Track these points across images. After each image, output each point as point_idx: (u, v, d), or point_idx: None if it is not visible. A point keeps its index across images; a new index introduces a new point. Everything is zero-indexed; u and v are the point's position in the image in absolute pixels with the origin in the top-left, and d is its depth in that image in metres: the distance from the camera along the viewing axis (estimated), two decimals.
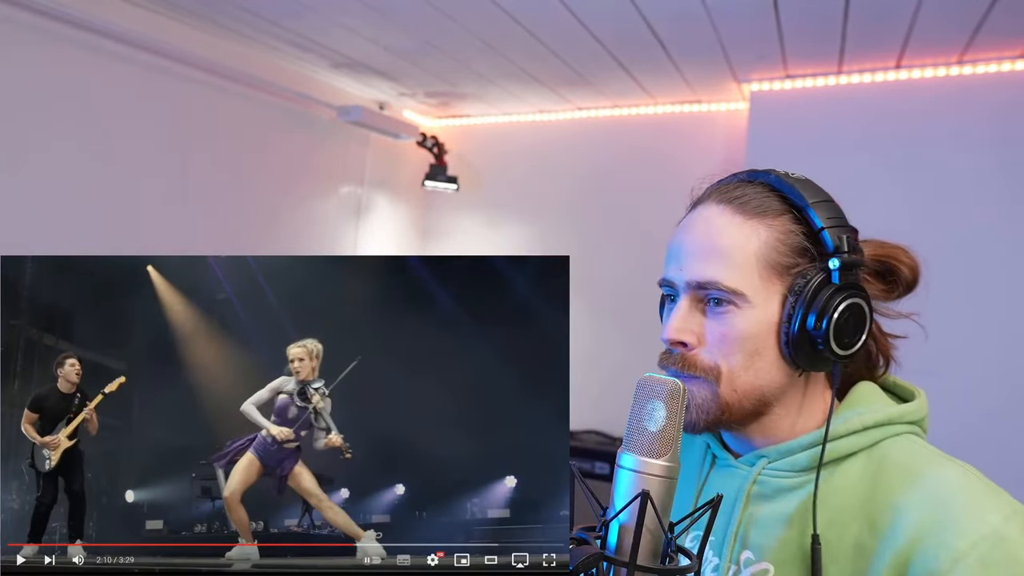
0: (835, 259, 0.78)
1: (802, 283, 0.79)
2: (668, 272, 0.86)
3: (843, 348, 0.79)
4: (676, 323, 0.82)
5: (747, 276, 0.79)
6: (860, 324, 0.80)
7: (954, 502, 0.72)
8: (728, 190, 0.85)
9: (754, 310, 0.79)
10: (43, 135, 2.24)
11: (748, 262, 0.80)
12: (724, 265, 0.80)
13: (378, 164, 3.61)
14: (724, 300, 0.80)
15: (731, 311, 0.80)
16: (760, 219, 0.81)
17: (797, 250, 0.80)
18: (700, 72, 2.82)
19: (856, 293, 0.79)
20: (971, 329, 2.46)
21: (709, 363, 0.80)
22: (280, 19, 2.51)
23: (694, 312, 0.82)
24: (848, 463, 0.80)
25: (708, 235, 0.82)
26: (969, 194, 2.54)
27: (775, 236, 0.80)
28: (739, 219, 0.81)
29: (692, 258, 0.82)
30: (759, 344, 0.80)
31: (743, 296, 0.79)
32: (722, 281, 0.79)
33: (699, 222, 0.85)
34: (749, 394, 0.81)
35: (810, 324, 0.78)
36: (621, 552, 0.65)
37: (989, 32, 2.26)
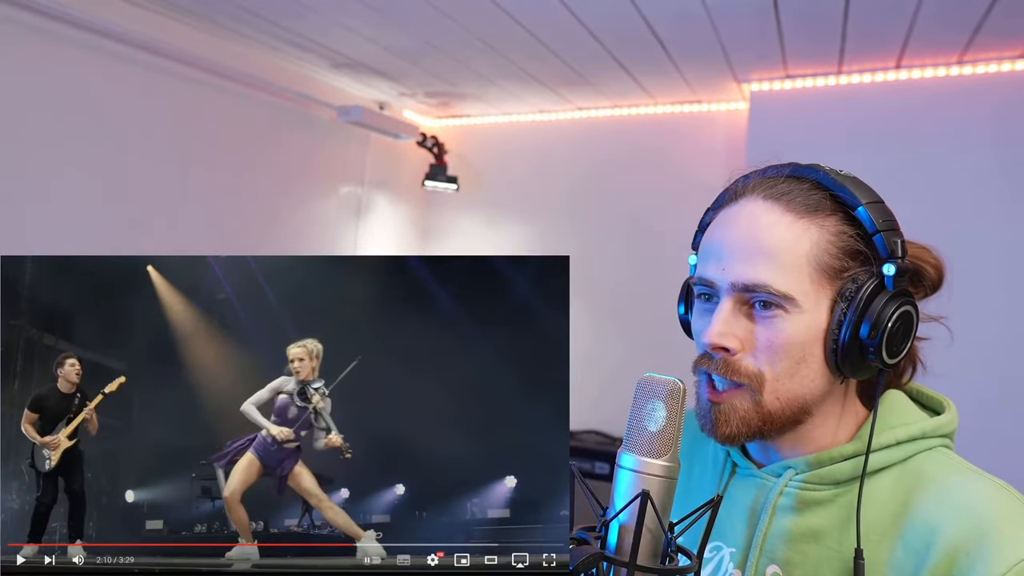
0: (890, 264, 0.75)
1: (853, 288, 0.75)
2: (707, 271, 0.80)
3: (892, 357, 0.76)
4: (720, 327, 0.77)
5: (798, 279, 0.75)
6: (909, 332, 0.77)
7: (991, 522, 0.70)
8: (773, 184, 0.80)
9: (803, 315, 0.75)
10: (43, 135, 2.24)
11: (799, 264, 0.75)
12: (774, 267, 0.75)
13: (378, 164, 3.61)
14: (773, 304, 0.75)
15: (779, 315, 0.75)
16: (811, 218, 0.77)
17: (848, 253, 0.76)
18: (700, 72, 2.82)
19: (908, 300, 0.76)
20: (971, 328, 2.46)
21: (753, 369, 0.76)
22: (280, 19, 2.51)
23: (738, 315, 0.77)
24: (879, 477, 0.78)
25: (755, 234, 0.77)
26: (969, 194, 2.54)
27: (826, 237, 0.76)
28: (789, 217, 0.77)
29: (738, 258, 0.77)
30: (806, 351, 0.76)
31: (793, 300, 0.75)
32: (772, 284, 0.75)
33: (744, 219, 0.79)
34: (792, 403, 0.77)
35: (863, 332, 0.74)
36: (621, 552, 0.65)
37: (989, 32, 2.26)
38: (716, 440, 0.80)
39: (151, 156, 2.56)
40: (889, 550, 0.74)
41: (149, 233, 2.57)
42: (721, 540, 0.86)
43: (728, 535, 0.85)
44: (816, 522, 0.79)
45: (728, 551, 0.84)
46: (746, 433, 0.78)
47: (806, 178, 0.80)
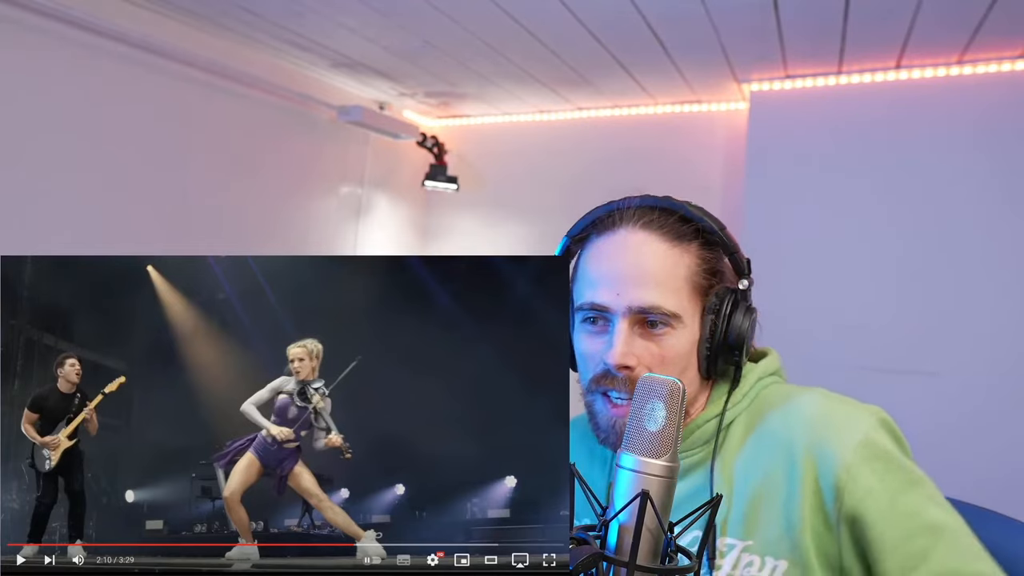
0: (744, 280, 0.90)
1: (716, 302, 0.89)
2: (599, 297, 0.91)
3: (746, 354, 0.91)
4: (622, 348, 0.87)
5: (679, 299, 0.88)
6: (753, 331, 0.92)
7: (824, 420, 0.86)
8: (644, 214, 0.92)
9: (685, 330, 0.88)
10: (43, 135, 2.23)
11: (680, 286, 0.88)
12: (662, 290, 0.87)
13: (378, 164, 3.61)
14: (662, 322, 0.87)
15: (668, 332, 0.88)
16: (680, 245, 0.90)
17: (710, 271, 0.90)
18: (700, 72, 2.82)
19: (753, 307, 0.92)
20: (970, 328, 2.46)
21: None
22: (280, 19, 2.51)
23: (633, 336, 0.88)
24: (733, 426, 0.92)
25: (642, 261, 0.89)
26: (969, 194, 2.54)
27: (695, 260, 0.90)
28: (665, 246, 0.90)
29: (631, 283, 0.88)
30: (686, 360, 0.89)
31: (679, 318, 0.87)
32: (663, 305, 0.87)
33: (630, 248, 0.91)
34: None
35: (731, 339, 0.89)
36: (621, 552, 0.65)
37: (989, 32, 2.26)
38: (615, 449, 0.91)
39: (151, 156, 2.56)
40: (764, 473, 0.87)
41: (149, 233, 2.57)
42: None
43: None
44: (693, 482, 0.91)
45: None
46: None
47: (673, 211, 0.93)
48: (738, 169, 3.04)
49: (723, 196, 3.14)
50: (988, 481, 1.96)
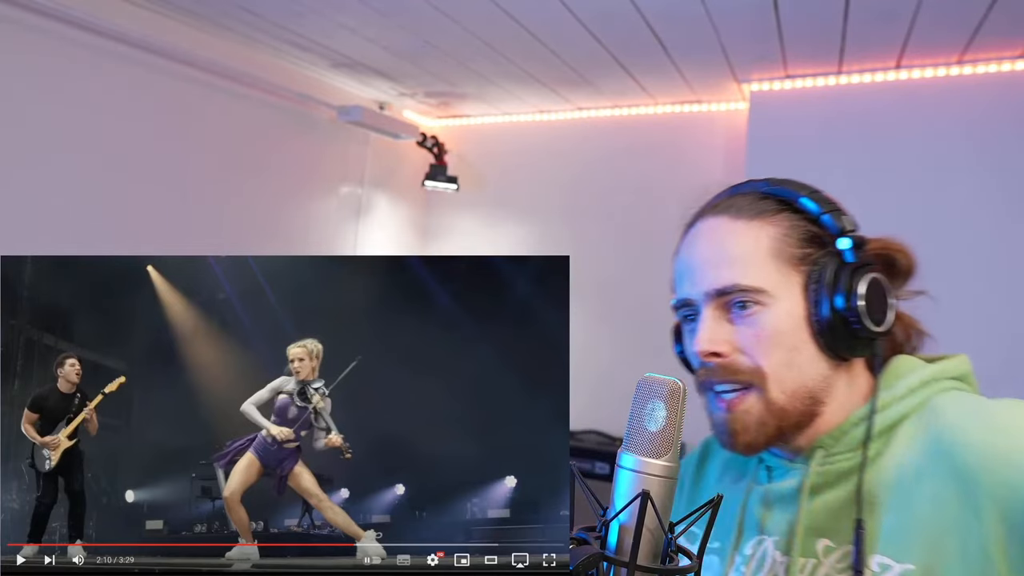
0: (844, 239, 0.79)
1: (818, 270, 0.79)
2: (682, 292, 0.84)
3: (877, 324, 0.78)
4: (706, 334, 0.80)
5: (765, 272, 0.79)
6: (885, 298, 0.80)
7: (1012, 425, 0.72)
8: (718, 203, 0.86)
9: (780, 304, 0.78)
10: (43, 135, 2.23)
11: (762, 259, 0.79)
12: (739, 266, 0.79)
13: (378, 164, 3.61)
14: (748, 301, 0.79)
15: (757, 311, 0.79)
16: (760, 219, 0.81)
17: (806, 239, 0.80)
18: (700, 72, 2.82)
19: (872, 268, 0.79)
20: (971, 329, 2.46)
21: (751, 366, 0.79)
22: (280, 19, 2.51)
23: (720, 321, 0.80)
24: (901, 428, 0.79)
25: (716, 244, 0.82)
26: (969, 194, 2.54)
27: (780, 231, 0.80)
28: (741, 222, 0.82)
29: (706, 268, 0.81)
30: (795, 339, 0.78)
31: (765, 292, 0.78)
32: (742, 281, 0.78)
33: (702, 236, 0.85)
34: (798, 393, 0.79)
35: (839, 305, 0.77)
36: (621, 552, 0.65)
37: (989, 32, 2.26)
38: (738, 451, 0.81)
39: (151, 156, 2.56)
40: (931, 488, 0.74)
41: (149, 233, 2.57)
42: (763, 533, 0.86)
43: (768, 527, 0.85)
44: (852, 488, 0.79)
45: (771, 540, 0.85)
46: (766, 436, 0.79)
47: (746, 192, 0.86)
48: (738, 169, 3.04)
49: None
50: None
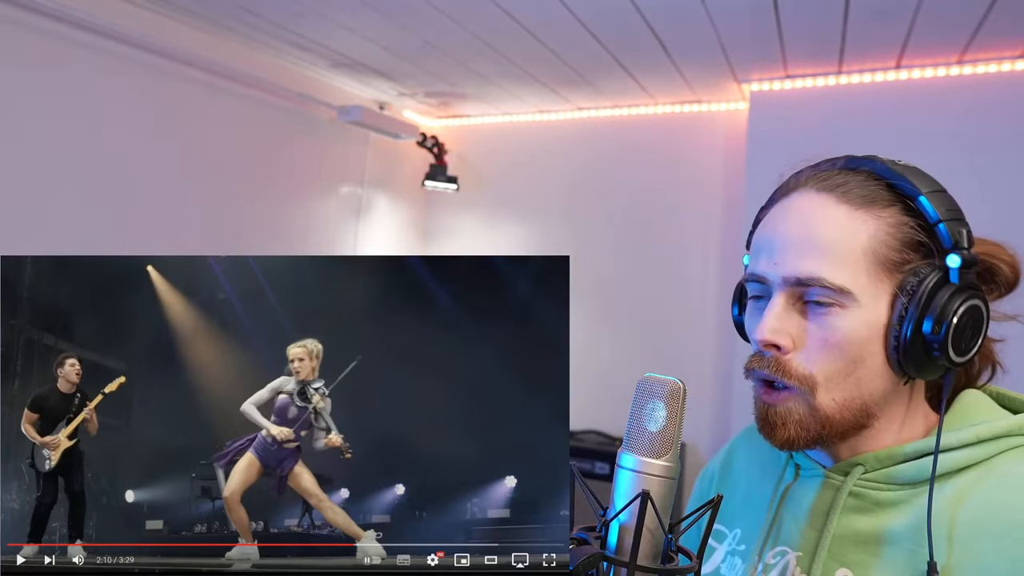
0: (955, 255, 0.70)
1: (915, 282, 0.71)
2: (758, 266, 0.76)
3: (960, 354, 0.71)
4: (772, 323, 0.73)
5: (853, 272, 0.71)
6: (978, 328, 0.72)
7: None
8: (827, 177, 0.76)
9: (861, 311, 0.71)
10: (43, 135, 2.23)
11: (855, 257, 0.71)
12: (828, 260, 0.71)
13: (378, 164, 3.61)
14: (827, 299, 0.71)
15: (835, 312, 0.71)
16: (867, 210, 0.73)
17: (909, 244, 0.72)
18: (700, 72, 2.82)
19: (976, 294, 0.72)
20: None
21: (803, 371, 0.73)
22: (280, 19, 2.51)
23: (790, 312, 0.74)
24: (960, 477, 0.72)
25: (808, 226, 0.73)
26: (969, 194, 2.53)
27: (884, 229, 0.72)
28: (844, 209, 0.73)
29: (790, 251, 0.73)
30: (864, 350, 0.72)
31: (849, 295, 0.71)
32: (826, 278, 0.71)
33: (796, 211, 0.76)
34: (849, 404, 0.73)
35: (927, 328, 0.70)
36: (621, 552, 0.65)
37: (989, 32, 2.26)
38: (775, 445, 0.77)
39: (151, 156, 2.56)
40: (977, 553, 0.68)
41: (149, 233, 2.57)
42: (786, 544, 0.82)
43: (794, 539, 0.81)
44: (889, 523, 0.74)
45: (794, 555, 0.80)
46: (805, 438, 0.74)
47: (862, 169, 0.77)
48: (738, 169, 3.04)
49: (723, 196, 3.14)
50: None
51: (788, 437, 0.75)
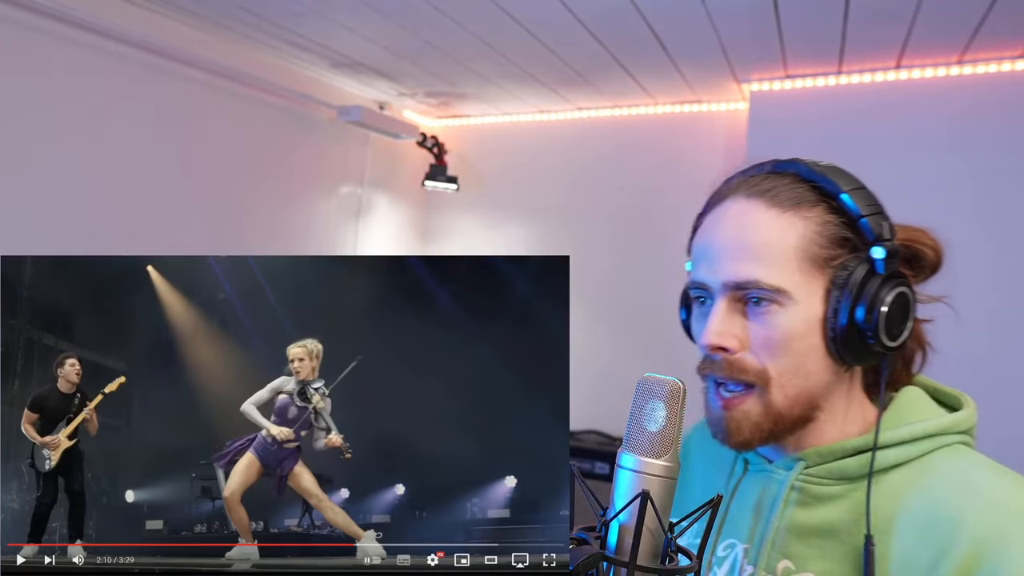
0: (879, 247, 0.75)
1: (845, 275, 0.76)
2: (698, 274, 0.81)
3: (893, 339, 0.76)
4: (716, 326, 0.77)
5: (787, 272, 0.75)
6: (907, 313, 0.77)
7: (1012, 518, 0.68)
8: (756, 183, 0.81)
9: (798, 307, 0.76)
10: (43, 135, 2.24)
11: (787, 257, 0.76)
12: (762, 262, 0.76)
13: (378, 164, 3.61)
14: (765, 299, 0.76)
15: (773, 310, 0.76)
16: (795, 211, 0.77)
17: (836, 241, 0.77)
18: (700, 72, 2.82)
19: (902, 281, 0.76)
20: (970, 329, 2.46)
21: (757, 367, 0.77)
22: (280, 19, 2.51)
23: (733, 314, 0.78)
24: (893, 473, 0.77)
25: (742, 232, 0.78)
26: (969, 194, 2.54)
27: (812, 228, 0.77)
28: (773, 213, 0.77)
29: (727, 257, 0.78)
30: (805, 343, 0.76)
31: (785, 293, 0.75)
32: (762, 279, 0.75)
33: (730, 218, 0.80)
34: (799, 398, 0.77)
35: (859, 317, 0.74)
36: (621, 552, 0.65)
37: (989, 32, 2.26)
38: (730, 447, 0.80)
39: (151, 156, 2.56)
40: (903, 544, 0.73)
41: (149, 233, 2.57)
42: (735, 537, 0.85)
43: (742, 531, 0.85)
44: (827, 517, 0.78)
45: (742, 547, 0.84)
46: (759, 438, 0.78)
47: (787, 172, 0.81)
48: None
49: None
50: None
51: (743, 440, 0.78)
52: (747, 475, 0.88)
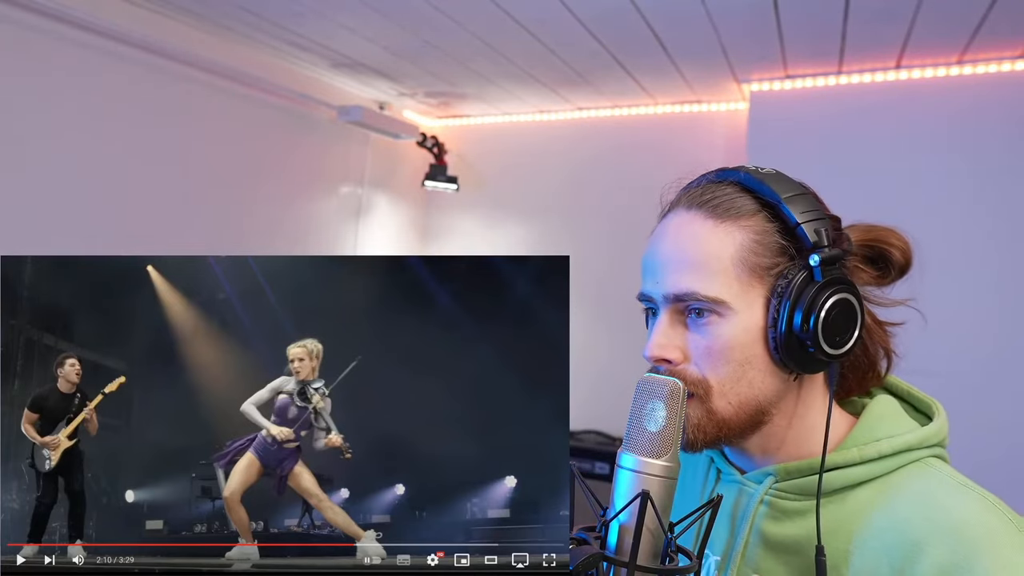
0: (815, 255, 0.74)
1: (784, 283, 0.75)
2: (645, 286, 0.82)
3: (835, 347, 0.75)
4: (659, 339, 0.78)
5: (726, 283, 0.75)
6: (851, 320, 0.76)
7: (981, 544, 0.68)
8: (697, 194, 0.81)
9: (737, 316, 0.75)
10: (43, 135, 2.24)
11: (725, 268, 0.76)
12: (700, 274, 0.76)
13: (378, 164, 3.61)
14: (705, 310, 0.76)
15: (713, 321, 0.76)
16: (733, 221, 0.77)
17: (775, 249, 0.76)
18: (700, 72, 2.82)
19: (843, 288, 0.75)
20: (969, 329, 2.46)
21: (696, 377, 0.77)
22: (280, 19, 2.51)
23: (676, 326, 0.78)
24: (861, 490, 0.76)
25: (681, 244, 0.79)
26: (969, 194, 2.54)
27: (750, 237, 0.76)
28: (711, 223, 0.78)
29: (667, 270, 0.78)
30: (747, 352, 0.76)
31: (724, 304, 0.75)
32: (700, 291, 0.75)
33: (670, 231, 0.81)
34: (745, 405, 0.77)
35: (796, 325, 0.74)
36: (621, 552, 0.65)
37: (989, 32, 2.26)
38: None
39: (151, 156, 2.56)
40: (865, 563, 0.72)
41: (149, 233, 2.57)
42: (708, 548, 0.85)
43: (714, 543, 0.85)
44: (795, 532, 0.78)
45: (714, 559, 0.84)
46: (704, 440, 0.78)
47: (727, 182, 0.81)
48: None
49: None
50: None
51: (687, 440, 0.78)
52: (719, 484, 0.88)
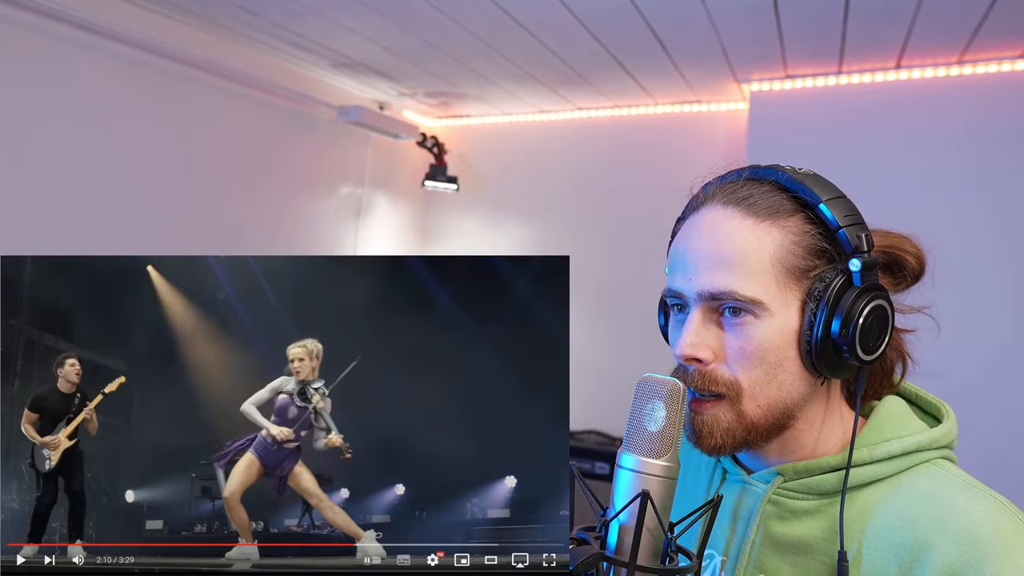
0: (856, 260, 0.73)
1: (821, 287, 0.74)
2: (675, 282, 0.80)
3: (868, 353, 0.75)
4: (690, 338, 0.76)
5: (763, 283, 0.74)
6: (884, 326, 0.76)
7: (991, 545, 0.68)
8: (734, 190, 0.79)
9: (773, 319, 0.74)
10: (43, 135, 2.24)
11: (763, 268, 0.74)
12: (738, 273, 0.74)
13: (378, 164, 3.61)
14: (741, 310, 0.74)
15: (749, 321, 0.74)
16: (772, 220, 0.75)
17: (814, 251, 0.75)
18: (700, 72, 2.82)
19: (880, 294, 0.75)
20: (969, 329, 2.46)
21: (729, 378, 0.75)
22: (280, 19, 2.51)
23: (708, 324, 0.76)
24: (870, 490, 0.76)
25: (718, 241, 0.76)
26: (968, 194, 2.54)
27: (790, 238, 0.75)
28: (750, 222, 0.76)
29: (702, 267, 0.76)
30: (780, 355, 0.75)
31: (761, 304, 0.74)
32: (738, 290, 0.74)
33: (706, 227, 0.79)
34: (773, 409, 0.76)
35: (835, 330, 0.73)
36: (621, 552, 0.65)
37: (989, 32, 2.26)
38: (703, 452, 0.79)
39: (151, 156, 2.56)
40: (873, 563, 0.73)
41: (149, 233, 2.57)
42: (713, 548, 0.85)
43: (719, 543, 0.85)
44: (803, 532, 0.78)
45: (720, 559, 0.84)
46: (732, 444, 0.77)
47: (765, 180, 0.79)
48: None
49: None
50: None
51: (715, 444, 0.77)
52: (725, 484, 0.88)
